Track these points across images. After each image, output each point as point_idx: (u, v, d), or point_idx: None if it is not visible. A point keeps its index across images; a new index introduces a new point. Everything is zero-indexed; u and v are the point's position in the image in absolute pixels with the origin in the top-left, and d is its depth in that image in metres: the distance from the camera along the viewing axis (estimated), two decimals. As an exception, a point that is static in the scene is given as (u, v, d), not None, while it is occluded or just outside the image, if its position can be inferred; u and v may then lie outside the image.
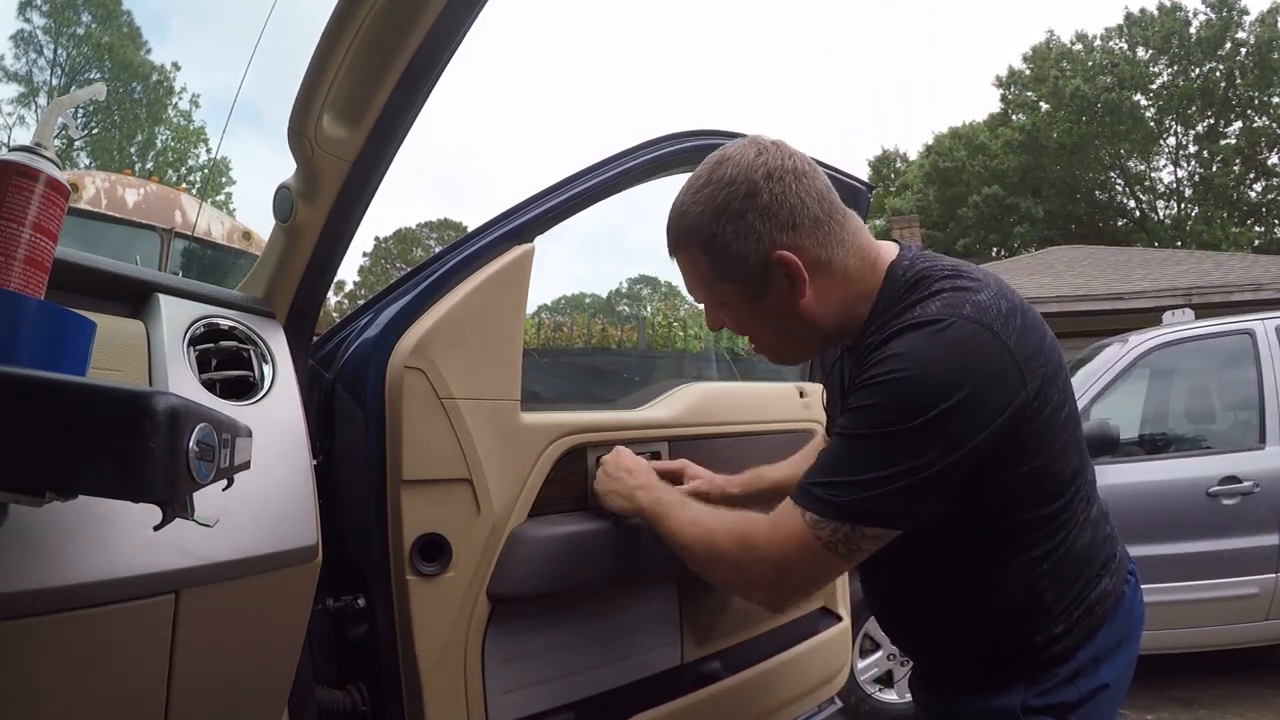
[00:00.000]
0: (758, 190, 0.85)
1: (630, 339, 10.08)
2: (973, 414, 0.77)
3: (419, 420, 0.99)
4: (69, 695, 0.62)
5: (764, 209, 0.85)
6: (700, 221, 0.87)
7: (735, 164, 0.86)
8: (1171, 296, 8.11)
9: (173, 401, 0.45)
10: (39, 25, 21.74)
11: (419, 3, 0.75)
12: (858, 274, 0.89)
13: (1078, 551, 0.88)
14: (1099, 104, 21.33)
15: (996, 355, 0.78)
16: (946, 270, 0.86)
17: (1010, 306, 0.82)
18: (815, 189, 0.87)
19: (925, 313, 0.80)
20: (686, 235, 0.89)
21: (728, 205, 0.85)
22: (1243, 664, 3.22)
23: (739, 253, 0.86)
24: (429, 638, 1.00)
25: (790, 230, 0.85)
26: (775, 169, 0.85)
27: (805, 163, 0.88)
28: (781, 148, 0.88)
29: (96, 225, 4.47)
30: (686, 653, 1.30)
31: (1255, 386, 3.17)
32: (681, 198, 0.90)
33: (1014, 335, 0.80)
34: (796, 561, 0.84)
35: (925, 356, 0.78)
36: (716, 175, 0.87)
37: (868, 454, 0.79)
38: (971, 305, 0.80)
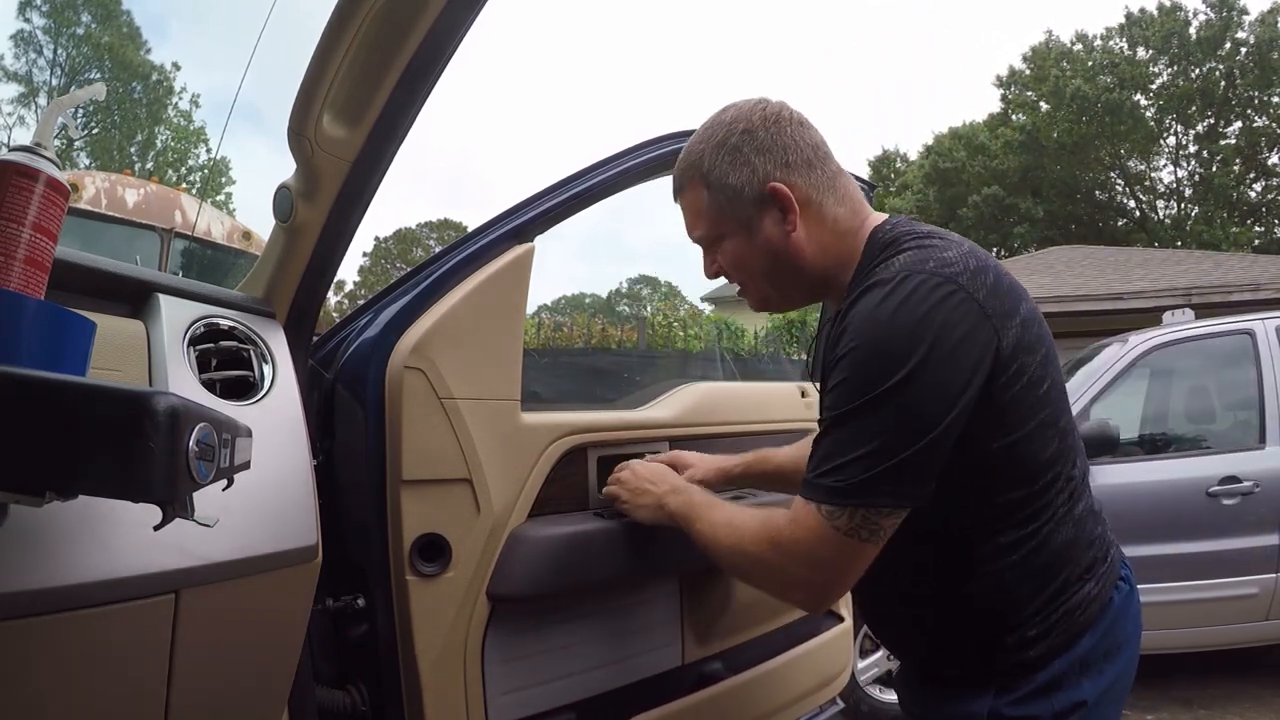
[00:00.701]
0: (755, 129, 0.90)
1: (630, 339, 10.07)
2: (945, 365, 0.75)
3: (419, 420, 0.99)
4: (69, 695, 0.62)
5: (760, 145, 0.90)
6: (701, 158, 0.92)
7: (738, 109, 0.93)
8: (1171, 296, 8.11)
9: (173, 401, 0.45)
10: (39, 25, 21.76)
11: (419, 3, 0.75)
12: (846, 227, 0.92)
13: (1055, 547, 0.84)
14: (1099, 104, 21.32)
15: (961, 306, 0.77)
16: (920, 233, 0.87)
17: (980, 265, 0.81)
18: (810, 138, 0.92)
19: (886, 271, 0.81)
20: (689, 170, 0.94)
21: (726, 140, 0.91)
22: (1242, 664, 3.22)
23: (735, 184, 0.90)
24: (429, 638, 1.00)
25: (784, 167, 0.89)
26: (773, 115, 0.91)
27: (804, 118, 0.94)
28: (784, 104, 0.94)
29: (96, 225, 4.46)
30: (688, 653, 1.30)
31: (1255, 386, 3.17)
32: (692, 140, 0.96)
33: (983, 290, 0.78)
34: (825, 556, 0.81)
35: (882, 316, 0.77)
36: (720, 118, 0.93)
37: (855, 431, 0.78)
38: (935, 261, 0.80)
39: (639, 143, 1.26)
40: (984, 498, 0.83)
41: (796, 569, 0.84)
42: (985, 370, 0.77)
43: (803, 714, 1.51)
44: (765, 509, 0.91)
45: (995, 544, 0.83)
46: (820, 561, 0.82)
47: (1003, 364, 0.78)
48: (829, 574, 0.83)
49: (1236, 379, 3.31)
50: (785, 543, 0.84)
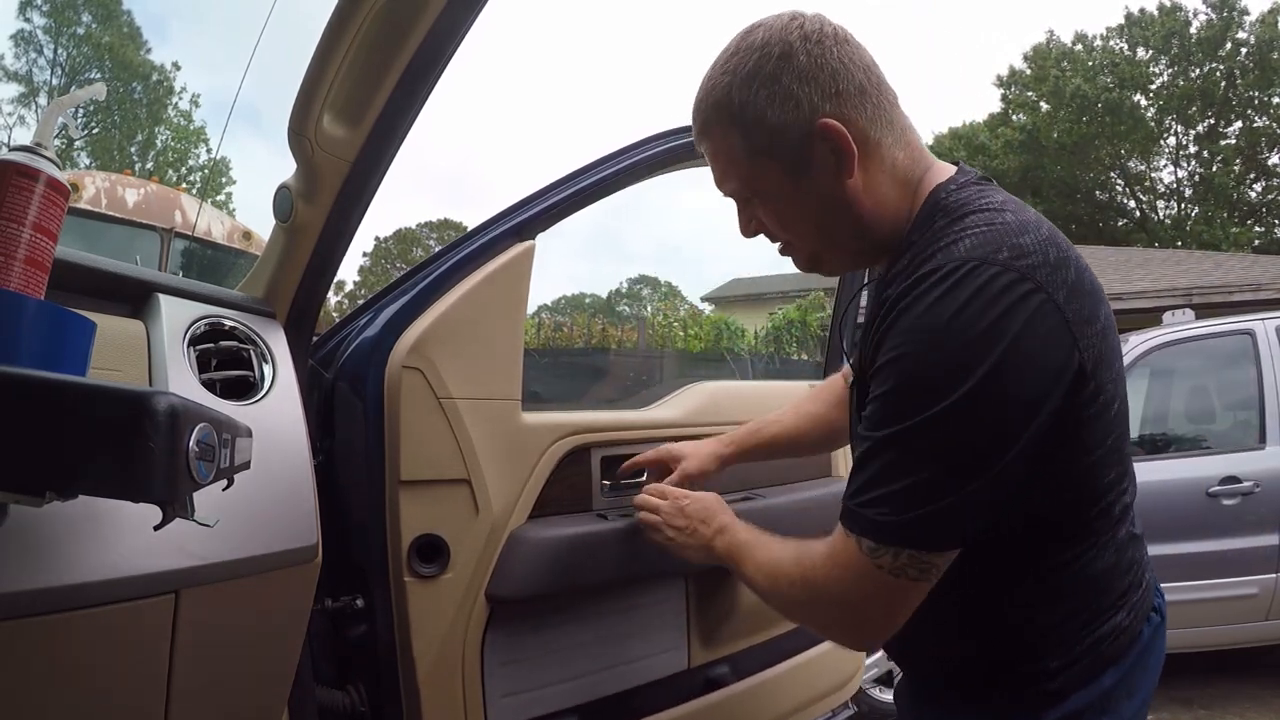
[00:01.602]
0: (793, 51, 0.72)
1: (630, 339, 10.08)
2: (1016, 384, 0.62)
3: (417, 420, 0.99)
4: (69, 695, 0.62)
5: (802, 72, 0.72)
6: (729, 93, 0.75)
7: (768, 28, 0.75)
8: (1171, 296, 8.11)
9: (173, 401, 0.45)
10: (39, 25, 21.76)
11: (419, 3, 0.75)
12: (905, 174, 0.76)
13: (1094, 573, 0.74)
14: (1099, 104, 21.32)
15: (1039, 311, 0.63)
16: (992, 202, 0.71)
17: (1061, 256, 0.66)
18: (861, 58, 0.75)
19: (949, 256, 0.65)
20: (714, 110, 0.76)
21: (760, 69, 0.73)
22: (1242, 664, 3.22)
23: (776, 122, 0.73)
24: (426, 639, 0.99)
25: (834, 98, 0.72)
26: (813, 31, 0.73)
27: (850, 35, 0.76)
28: (823, 17, 0.76)
29: (96, 225, 4.47)
30: (694, 656, 1.29)
31: (1255, 386, 3.17)
32: (711, 71, 0.78)
33: (1063, 289, 0.64)
34: (865, 596, 0.71)
35: (939, 318, 0.63)
36: (746, 42, 0.75)
37: (902, 458, 0.65)
38: (1010, 248, 0.64)
39: (639, 140, 1.25)
40: (1034, 517, 0.71)
41: (834, 610, 0.76)
42: (1063, 389, 0.64)
43: (815, 717, 1.48)
44: (801, 544, 0.81)
45: (1035, 564, 0.73)
46: (860, 602, 0.72)
47: (1081, 382, 0.65)
48: (871, 614, 0.73)
49: (1237, 379, 3.31)
50: (819, 581, 0.75)
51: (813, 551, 0.77)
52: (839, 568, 0.72)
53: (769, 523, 1.33)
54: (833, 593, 0.74)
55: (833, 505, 1.41)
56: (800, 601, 0.79)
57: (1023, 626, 0.75)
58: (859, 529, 0.69)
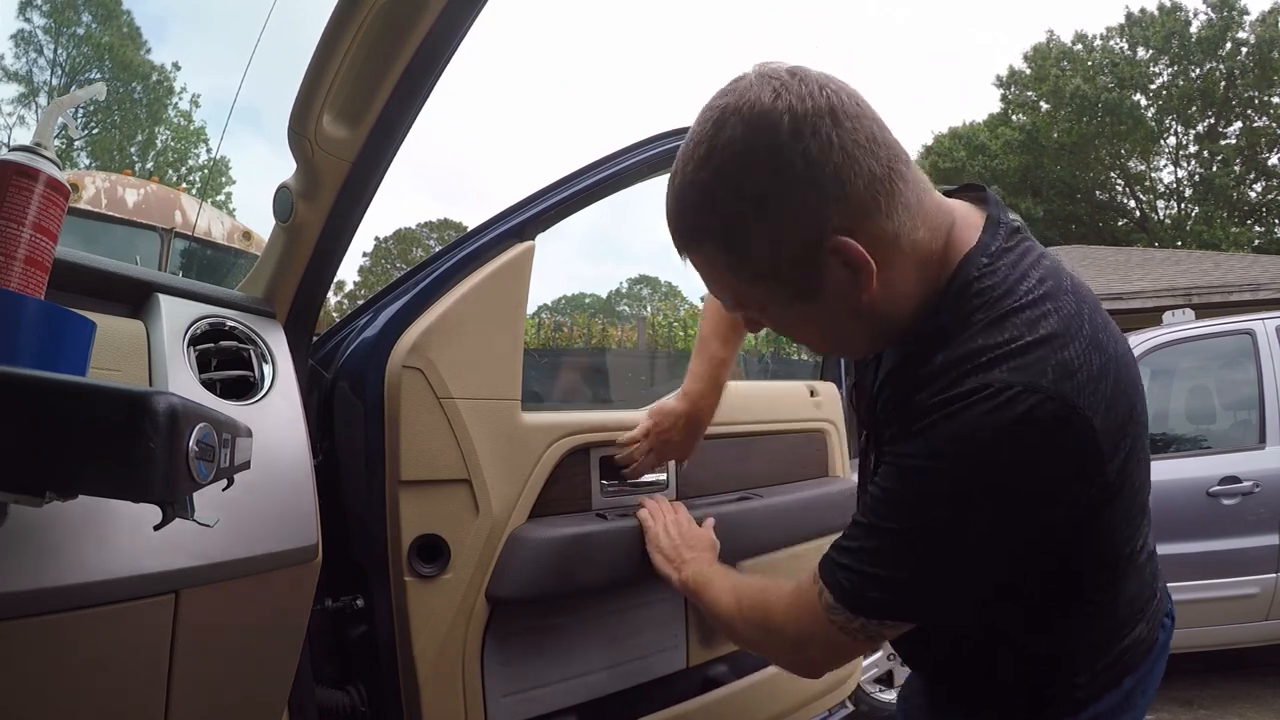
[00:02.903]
0: (783, 152, 0.60)
1: (630, 339, 10.07)
2: (1032, 512, 0.63)
3: (417, 420, 0.99)
4: (69, 695, 0.62)
5: (798, 179, 0.60)
6: (710, 212, 0.64)
7: (744, 118, 0.61)
8: (1171, 296, 8.11)
9: (173, 401, 0.45)
10: (39, 25, 21.74)
11: (419, 3, 0.75)
12: (927, 252, 0.66)
13: (1124, 599, 0.75)
14: (1099, 104, 21.32)
15: (1075, 442, 0.61)
16: (1031, 294, 0.64)
17: (1103, 362, 0.63)
18: (865, 133, 0.61)
19: (993, 379, 0.60)
20: (693, 230, 0.66)
21: (743, 180, 0.61)
22: (1243, 664, 3.22)
23: (772, 245, 0.63)
24: (427, 639, 0.99)
25: (841, 203, 0.61)
26: (804, 114, 0.60)
27: (846, 94, 0.62)
28: (805, 79, 0.62)
29: (96, 225, 4.47)
30: (693, 655, 1.29)
31: (1255, 386, 3.17)
32: (679, 177, 0.65)
33: (1102, 406, 0.62)
34: (816, 641, 0.75)
35: (974, 444, 0.60)
36: (721, 139, 0.61)
37: (891, 550, 0.66)
38: (1056, 368, 0.61)
39: (639, 140, 1.25)
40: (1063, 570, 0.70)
41: (784, 646, 0.81)
42: (1082, 503, 0.64)
43: (811, 717, 1.49)
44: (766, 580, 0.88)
45: (1066, 605, 0.73)
46: (809, 644, 0.77)
47: (1105, 486, 0.64)
48: (817, 657, 0.78)
49: (1236, 379, 3.31)
50: (777, 617, 0.80)
51: (780, 588, 0.81)
52: (798, 608, 0.76)
53: (768, 522, 1.35)
54: (787, 631, 0.78)
55: (830, 504, 1.44)
56: (755, 628, 0.84)
57: (1054, 654, 0.76)
58: (826, 581, 0.71)
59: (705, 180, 0.63)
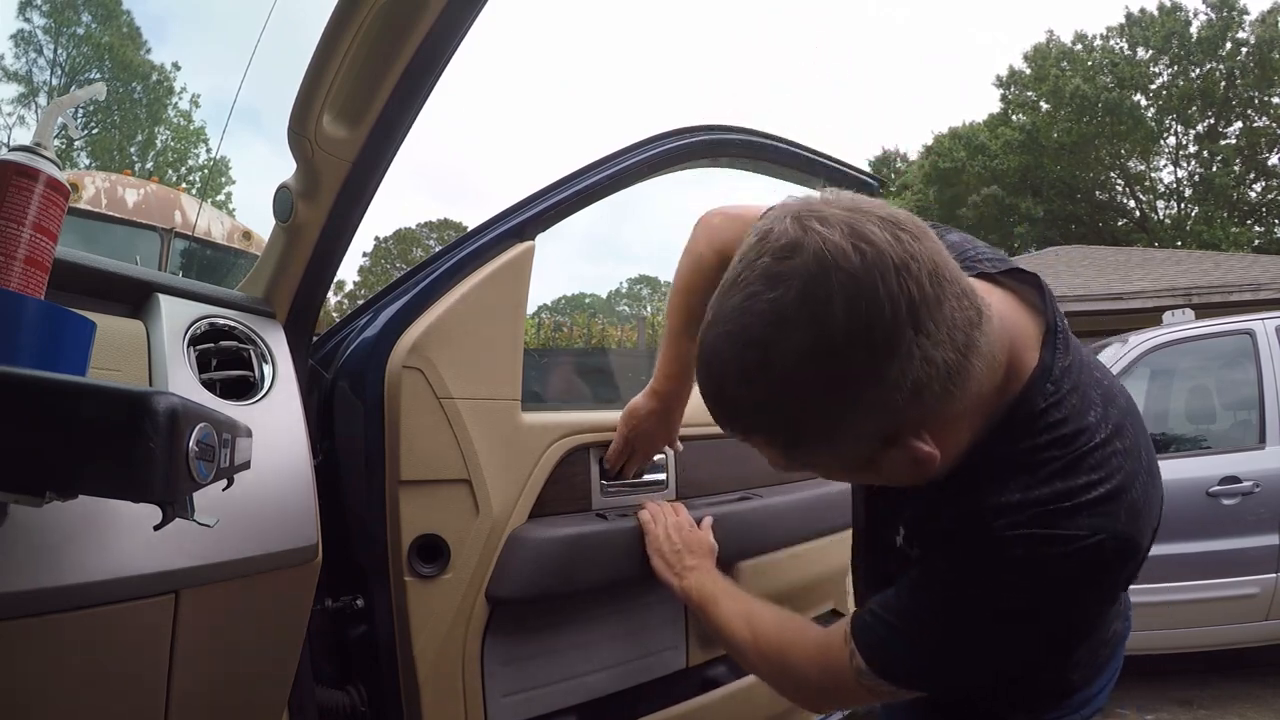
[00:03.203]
0: (858, 378, 0.55)
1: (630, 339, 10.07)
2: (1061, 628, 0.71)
3: (417, 420, 0.99)
4: (69, 695, 0.62)
5: (874, 399, 0.56)
6: (771, 420, 0.61)
7: (805, 331, 0.54)
8: (1171, 296, 8.10)
9: (173, 401, 0.45)
10: (39, 25, 21.75)
11: (419, 3, 0.75)
12: (990, 387, 0.64)
13: (1109, 617, 0.85)
14: (1099, 104, 21.32)
15: (1129, 570, 0.68)
16: (1100, 432, 0.66)
17: (1151, 482, 0.69)
18: (948, 317, 0.56)
19: (1076, 527, 0.63)
20: (747, 428, 0.63)
21: (809, 403, 0.57)
22: (1243, 664, 3.22)
23: (833, 450, 0.63)
24: (427, 639, 0.99)
25: (915, 406, 0.58)
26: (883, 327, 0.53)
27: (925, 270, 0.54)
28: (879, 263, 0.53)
29: (96, 225, 4.47)
30: (692, 656, 1.29)
31: (1255, 386, 3.17)
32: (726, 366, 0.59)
33: (1151, 527, 0.69)
34: (840, 693, 0.82)
35: (1048, 576, 0.64)
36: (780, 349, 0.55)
37: (931, 640, 0.71)
38: (1127, 509, 0.64)
39: (639, 140, 1.25)
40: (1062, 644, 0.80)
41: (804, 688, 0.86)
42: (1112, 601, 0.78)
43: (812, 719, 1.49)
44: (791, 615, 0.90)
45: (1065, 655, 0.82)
46: (831, 692, 0.83)
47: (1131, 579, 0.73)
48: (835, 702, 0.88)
49: (1236, 379, 3.31)
50: (800, 663, 0.83)
51: (804, 632, 0.86)
52: (826, 662, 0.79)
53: (768, 522, 1.35)
54: (810, 678, 0.83)
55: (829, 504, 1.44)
56: (772, 665, 0.88)
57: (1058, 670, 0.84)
58: (863, 650, 0.75)
59: (762, 393, 0.59)
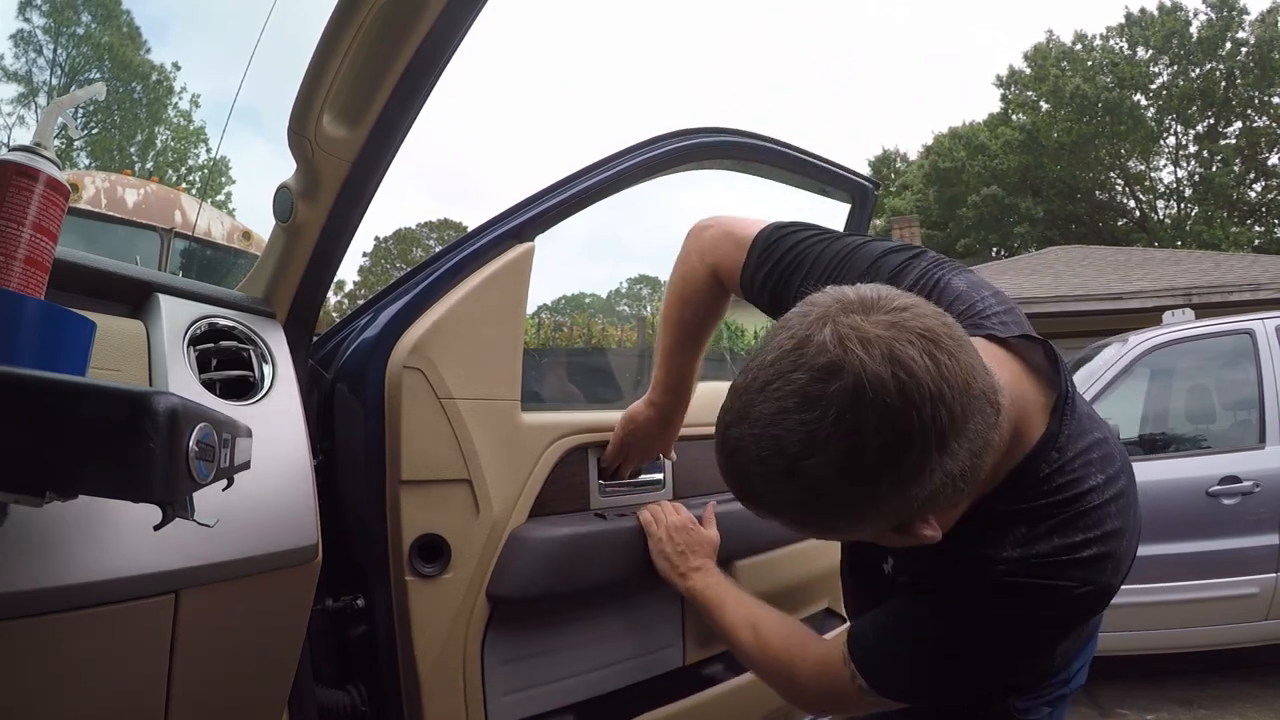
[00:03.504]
0: (885, 496, 0.60)
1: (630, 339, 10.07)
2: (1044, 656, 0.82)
3: (418, 420, 0.99)
4: (69, 695, 0.62)
5: (896, 504, 0.61)
6: (792, 514, 0.66)
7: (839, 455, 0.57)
8: (1171, 296, 8.10)
9: (172, 401, 0.45)
10: (39, 25, 21.74)
11: (419, 3, 0.75)
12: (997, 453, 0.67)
13: None
14: (1099, 104, 21.33)
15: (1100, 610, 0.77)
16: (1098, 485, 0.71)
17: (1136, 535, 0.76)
18: (972, 435, 0.60)
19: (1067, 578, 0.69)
20: (768, 512, 0.67)
21: (833, 509, 0.62)
22: (1243, 664, 3.22)
23: (855, 532, 0.74)
24: (428, 638, 0.99)
25: (931, 505, 0.63)
26: (912, 456, 0.58)
27: (957, 395, 0.58)
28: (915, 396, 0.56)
29: (96, 225, 4.47)
30: (689, 654, 1.29)
31: (1255, 386, 3.17)
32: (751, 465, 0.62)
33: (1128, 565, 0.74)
34: (836, 703, 0.90)
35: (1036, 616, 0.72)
36: (812, 465, 0.58)
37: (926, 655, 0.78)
38: (1113, 563, 0.71)
39: (639, 142, 1.25)
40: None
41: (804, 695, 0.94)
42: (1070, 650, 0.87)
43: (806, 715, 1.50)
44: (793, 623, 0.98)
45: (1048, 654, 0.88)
46: (831, 702, 0.91)
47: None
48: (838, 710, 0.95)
49: (1236, 379, 3.31)
50: (801, 675, 0.90)
51: (805, 647, 0.92)
52: (827, 679, 0.86)
53: (762, 523, 1.35)
54: (811, 689, 0.90)
55: None
56: (775, 673, 0.95)
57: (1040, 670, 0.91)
58: (860, 666, 0.82)
59: (789, 497, 0.62)
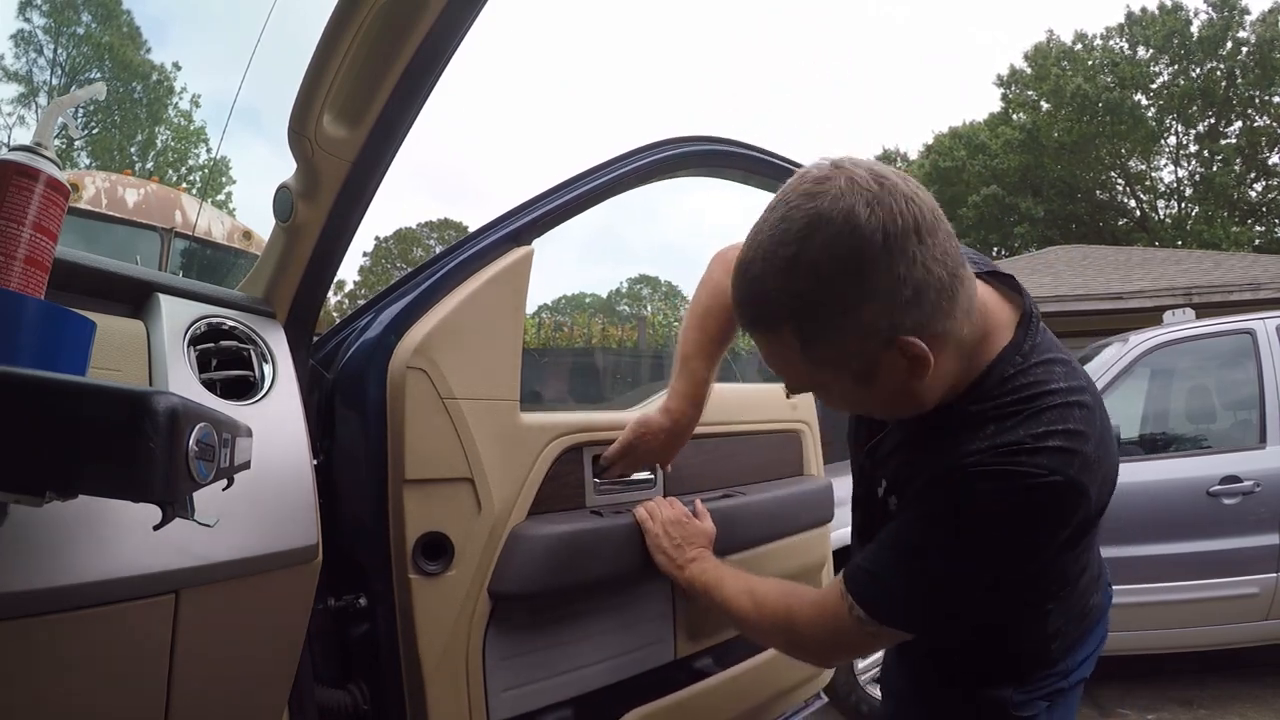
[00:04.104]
0: (874, 267, 0.66)
1: (630, 339, 10.07)
2: (1038, 557, 0.78)
3: (421, 420, 0.99)
4: (69, 695, 0.63)
5: (882, 291, 0.67)
6: (793, 310, 0.70)
7: (839, 228, 0.66)
8: (1171, 296, 8.10)
9: (173, 401, 0.45)
10: (39, 25, 21.72)
11: (419, 3, 0.75)
12: (970, 342, 0.76)
13: (1081, 589, 0.91)
14: (1100, 103, 21.30)
15: (1077, 517, 0.75)
16: (1060, 389, 0.76)
17: (1104, 448, 0.77)
18: (942, 245, 0.69)
19: (1033, 465, 0.72)
20: (773, 318, 0.71)
21: (830, 289, 0.67)
22: (1242, 664, 3.22)
23: (847, 339, 0.70)
24: (431, 636, 1.00)
25: (914, 309, 0.68)
26: (895, 234, 0.66)
27: (927, 207, 0.69)
28: (894, 192, 0.67)
29: (97, 225, 4.47)
30: (680, 649, 1.31)
31: (1255, 386, 3.17)
32: (759, 266, 0.70)
33: (1098, 488, 0.76)
34: (841, 646, 0.91)
35: (1008, 506, 0.73)
36: (815, 242, 0.66)
37: (922, 567, 0.79)
38: (1082, 454, 0.73)
39: (637, 147, 1.27)
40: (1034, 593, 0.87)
41: (810, 645, 0.94)
42: (1069, 546, 0.80)
43: (790, 707, 1.55)
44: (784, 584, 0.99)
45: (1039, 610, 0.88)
46: (834, 647, 0.91)
47: (1081, 539, 0.80)
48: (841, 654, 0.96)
49: (1237, 379, 3.31)
50: (802, 624, 0.90)
51: (802, 594, 0.94)
52: (825, 617, 0.86)
53: (750, 519, 1.37)
54: (813, 634, 0.90)
55: (804, 502, 1.48)
56: (775, 628, 0.95)
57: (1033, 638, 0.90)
58: (857, 594, 0.82)
59: (792, 281, 0.69)
